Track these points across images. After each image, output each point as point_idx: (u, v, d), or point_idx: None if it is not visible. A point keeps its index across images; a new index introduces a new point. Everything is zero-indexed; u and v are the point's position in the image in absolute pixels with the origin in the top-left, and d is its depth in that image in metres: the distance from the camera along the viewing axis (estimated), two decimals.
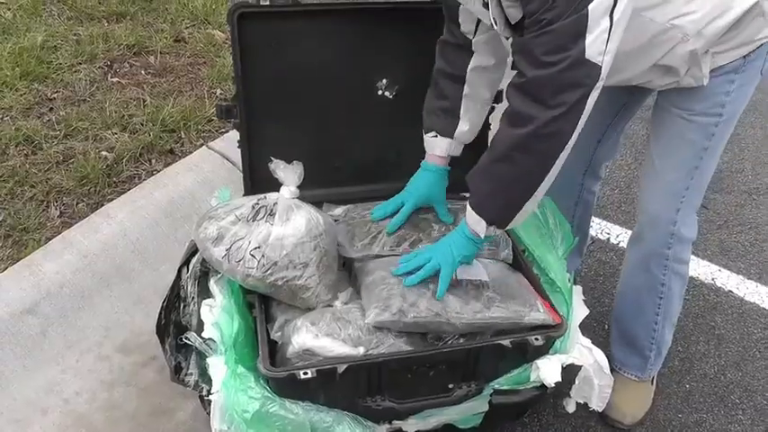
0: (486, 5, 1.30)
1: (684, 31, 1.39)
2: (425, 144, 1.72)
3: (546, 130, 1.26)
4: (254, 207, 1.53)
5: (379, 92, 1.83)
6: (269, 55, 1.72)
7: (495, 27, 1.32)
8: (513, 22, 1.29)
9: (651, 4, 1.36)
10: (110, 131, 2.53)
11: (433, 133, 1.68)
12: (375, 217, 1.74)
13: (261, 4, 1.67)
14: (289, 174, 1.55)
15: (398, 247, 1.67)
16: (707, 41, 1.42)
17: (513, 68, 1.32)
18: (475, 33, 1.55)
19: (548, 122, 1.25)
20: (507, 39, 1.35)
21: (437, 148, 1.69)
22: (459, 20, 1.54)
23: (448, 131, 1.67)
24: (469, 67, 1.60)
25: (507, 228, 1.47)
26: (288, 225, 1.50)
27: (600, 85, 1.24)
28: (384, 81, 1.82)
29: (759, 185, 3.01)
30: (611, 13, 1.17)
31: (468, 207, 1.46)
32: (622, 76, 1.50)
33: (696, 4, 1.38)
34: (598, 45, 1.19)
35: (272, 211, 1.51)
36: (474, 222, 1.45)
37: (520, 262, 1.72)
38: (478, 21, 1.51)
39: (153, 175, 2.34)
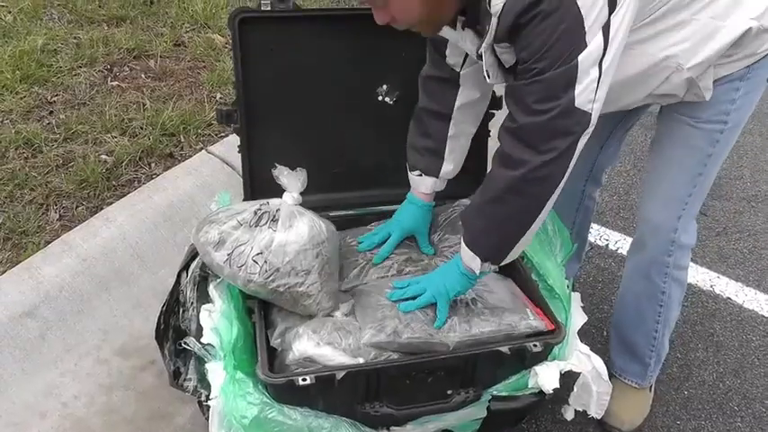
0: (480, 57, 1.31)
1: (678, 61, 1.41)
2: (410, 180, 1.73)
3: (537, 174, 1.28)
4: (256, 212, 1.53)
5: (380, 97, 1.84)
6: (270, 60, 1.72)
7: (488, 79, 1.33)
8: (507, 66, 1.31)
9: (642, 38, 1.38)
10: (109, 135, 2.53)
11: (418, 172, 1.70)
12: (362, 248, 1.75)
13: (262, 9, 1.67)
14: (292, 180, 1.55)
15: (387, 275, 1.69)
16: (702, 67, 1.43)
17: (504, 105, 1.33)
18: (462, 66, 1.55)
19: (539, 167, 1.26)
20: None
21: (422, 185, 1.71)
22: (446, 52, 1.54)
23: (432, 171, 1.68)
24: (456, 105, 1.61)
25: (502, 264, 1.48)
26: (291, 231, 1.50)
27: (590, 130, 1.25)
28: (384, 87, 1.83)
29: (758, 192, 3.02)
30: (599, 63, 1.19)
31: (463, 244, 1.46)
32: (620, 104, 1.52)
33: (683, 33, 1.39)
34: (587, 94, 1.20)
35: (274, 216, 1.51)
36: (469, 259, 1.45)
37: (518, 268, 1.72)
38: (467, 53, 1.51)
39: (152, 178, 2.34)
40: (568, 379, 1.52)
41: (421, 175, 1.70)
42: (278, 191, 1.57)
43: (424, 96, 1.65)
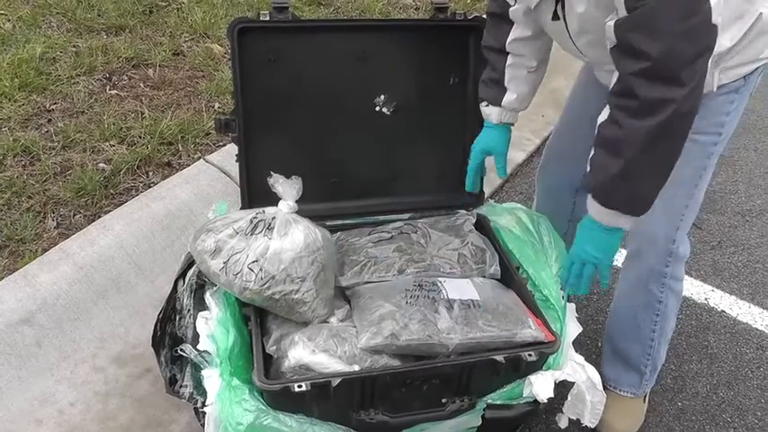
0: None
1: None
2: (482, 112, 1.77)
3: (684, 108, 1.22)
4: (252, 221, 1.54)
5: (377, 108, 1.85)
6: (268, 70, 1.74)
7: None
8: None
9: None
10: (107, 143, 2.54)
11: (485, 103, 1.74)
12: (472, 186, 1.83)
13: (261, 19, 1.69)
14: (287, 188, 1.57)
15: (387, 274, 1.69)
16: (720, 50, 1.40)
17: (622, 55, 1.24)
18: (516, 1, 1.56)
19: (683, 100, 1.20)
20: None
21: (491, 115, 1.75)
22: None
23: (496, 101, 1.71)
24: (508, 39, 1.62)
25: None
26: (286, 239, 1.51)
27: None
28: (382, 97, 1.84)
29: (752, 207, 3.04)
30: None
31: (604, 210, 1.40)
32: None
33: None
34: (718, 8, 1.17)
35: (270, 225, 1.53)
36: (614, 221, 1.41)
37: (514, 279, 1.74)
38: None
39: (150, 187, 2.34)
40: (563, 388, 1.52)
41: (488, 105, 1.73)
42: (275, 200, 1.58)
43: (486, 32, 1.69)
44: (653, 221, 1.70)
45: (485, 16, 1.70)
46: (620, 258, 1.88)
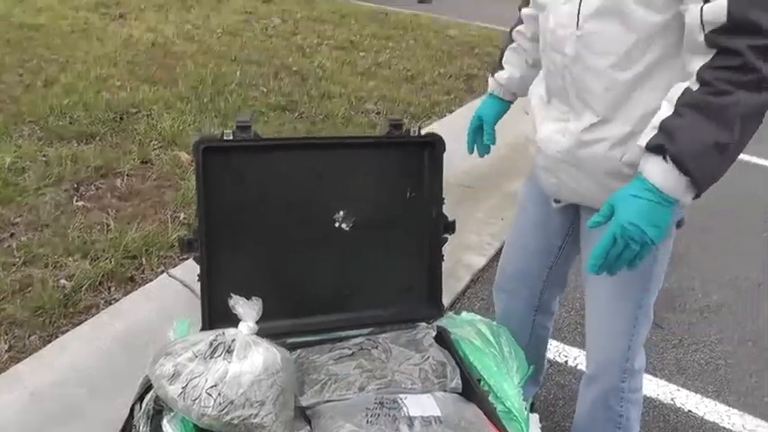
0: None
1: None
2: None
3: None
4: (211, 344, 1.53)
5: (337, 224, 1.89)
6: (231, 188, 1.76)
7: None
8: None
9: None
10: (71, 258, 2.53)
11: (490, 72, 1.95)
12: (470, 148, 1.99)
13: (224, 139, 1.73)
14: (248, 310, 1.57)
15: (348, 392, 1.68)
16: None
17: (737, 33, 1.19)
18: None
19: None
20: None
21: (489, 84, 1.95)
22: None
23: (493, 72, 1.92)
24: (515, 27, 1.84)
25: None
26: (245, 362, 1.50)
27: None
28: (341, 213, 1.88)
29: (709, 302, 3.10)
30: None
31: (676, 175, 1.24)
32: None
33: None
34: None
35: (229, 347, 1.52)
36: (682, 191, 1.26)
37: (475, 392, 1.73)
38: None
39: (111, 303, 2.32)
40: None
41: (490, 75, 1.94)
42: (236, 318, 1.58)
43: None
44: (603, 348, 1.72)
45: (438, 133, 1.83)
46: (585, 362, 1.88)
